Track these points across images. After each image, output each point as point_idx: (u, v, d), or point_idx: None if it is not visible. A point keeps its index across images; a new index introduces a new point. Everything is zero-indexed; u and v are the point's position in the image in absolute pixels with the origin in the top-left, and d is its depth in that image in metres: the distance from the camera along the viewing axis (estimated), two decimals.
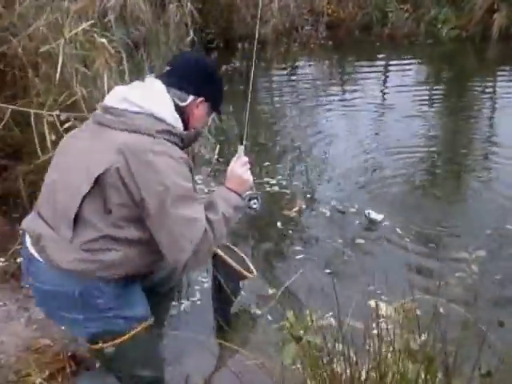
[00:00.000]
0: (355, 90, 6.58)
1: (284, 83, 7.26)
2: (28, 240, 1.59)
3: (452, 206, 3.80)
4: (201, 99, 1.63)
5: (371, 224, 3.40)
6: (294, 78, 7.55)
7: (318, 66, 8.18)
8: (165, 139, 1.51)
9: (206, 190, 4.01)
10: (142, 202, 1.45)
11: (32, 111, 3.23)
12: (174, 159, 1.48)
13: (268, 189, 3.96)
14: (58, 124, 3.12)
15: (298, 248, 3.21)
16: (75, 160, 1.53)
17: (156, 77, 1.65)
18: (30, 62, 3.95)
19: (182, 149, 1.60)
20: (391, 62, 8.06)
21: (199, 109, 1.65)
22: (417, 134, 5.05)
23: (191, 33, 5.90)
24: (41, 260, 1.54)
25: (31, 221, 1.60)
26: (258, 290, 2.70)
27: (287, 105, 6.31)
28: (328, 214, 3.58)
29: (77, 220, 1.48)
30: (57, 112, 3.17)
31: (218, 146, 4.55)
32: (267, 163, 4.45)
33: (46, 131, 3.37)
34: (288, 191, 3.92)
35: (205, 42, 7.67)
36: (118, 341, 1.60)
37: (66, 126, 3.09)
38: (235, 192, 1.67)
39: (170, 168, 1.46)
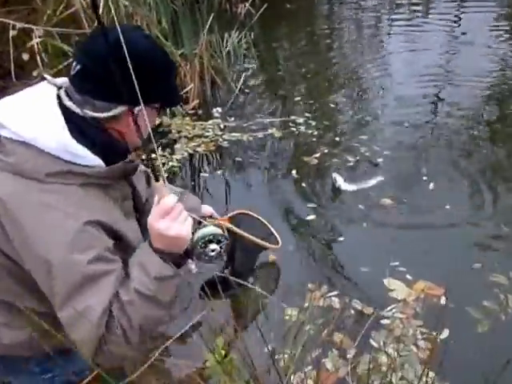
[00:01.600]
0: (426, 11, 5.70)
1: None
2: None
3: None
4: (138, 109, 1.00)
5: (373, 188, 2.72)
6: None
7: None
8: (63, 184, 0.99)
9: (221, 126, 3.47)
10: (32, 274, 1.00)
11: (11, 22, 2.78)
12: (68, 218, 0.97)
13: (292, 129, 3.35)
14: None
15: (310, 205, 2.64)
16: None
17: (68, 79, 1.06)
18: None
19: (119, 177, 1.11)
20: None
21: (140, 119, 1.01)
22: (489, 67, 4.16)
23: None
24: None
25: None
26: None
27: (345, 21, 5.57)
28: (352, 163, 2.95)
29: None
30: (34, 26, 2.70)
31: (244, 75, 3.95)
32: (298, 98, 3.78)
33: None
34: (315, 132, 3.29)
35: None
36: None
37: (35, 41, 2.63)
38: (161, 253, 1.03)
39: (59, 235, 0.96)
